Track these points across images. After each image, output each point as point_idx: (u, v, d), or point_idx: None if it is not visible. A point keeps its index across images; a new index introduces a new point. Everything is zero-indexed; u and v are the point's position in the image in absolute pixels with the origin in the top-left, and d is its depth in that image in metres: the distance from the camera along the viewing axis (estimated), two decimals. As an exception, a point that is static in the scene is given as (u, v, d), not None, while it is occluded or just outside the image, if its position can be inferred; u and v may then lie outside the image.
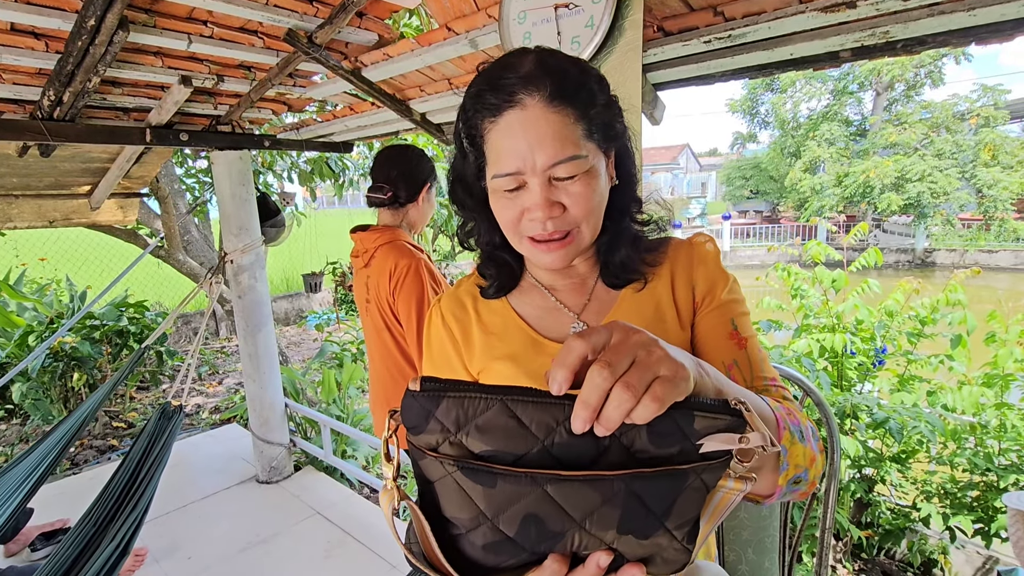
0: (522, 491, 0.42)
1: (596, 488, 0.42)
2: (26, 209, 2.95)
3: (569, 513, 0.43)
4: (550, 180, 0.63)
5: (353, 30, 1.81)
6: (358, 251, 1.72)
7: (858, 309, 2.37)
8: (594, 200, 0.65)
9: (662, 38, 1.38)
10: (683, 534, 0.45)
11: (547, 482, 0.42)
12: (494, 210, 0.69)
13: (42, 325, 4.22)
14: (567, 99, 0.62)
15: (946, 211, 15.51)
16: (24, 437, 4.01)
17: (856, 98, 19.33)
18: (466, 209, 0.76)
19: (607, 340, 0.41)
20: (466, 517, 0.44)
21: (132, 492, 1.87)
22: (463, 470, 0.42)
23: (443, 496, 0.44)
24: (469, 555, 0.45)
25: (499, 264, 0.79)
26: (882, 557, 2.52)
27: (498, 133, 0.63)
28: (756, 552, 1.11)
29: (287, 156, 4.62)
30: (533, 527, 0.43)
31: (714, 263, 0.75)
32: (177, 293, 7.23)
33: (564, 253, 0.67)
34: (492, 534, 0.44)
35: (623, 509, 0.43)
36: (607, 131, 0.67)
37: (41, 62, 1.70)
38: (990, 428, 2.17)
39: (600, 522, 0.43)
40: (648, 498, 0.43)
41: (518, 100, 0.62)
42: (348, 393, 3.89)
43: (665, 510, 0.43)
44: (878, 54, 1.36)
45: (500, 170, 0.64)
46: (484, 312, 0.81)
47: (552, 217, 0.64)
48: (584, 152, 0.63)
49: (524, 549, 0.44)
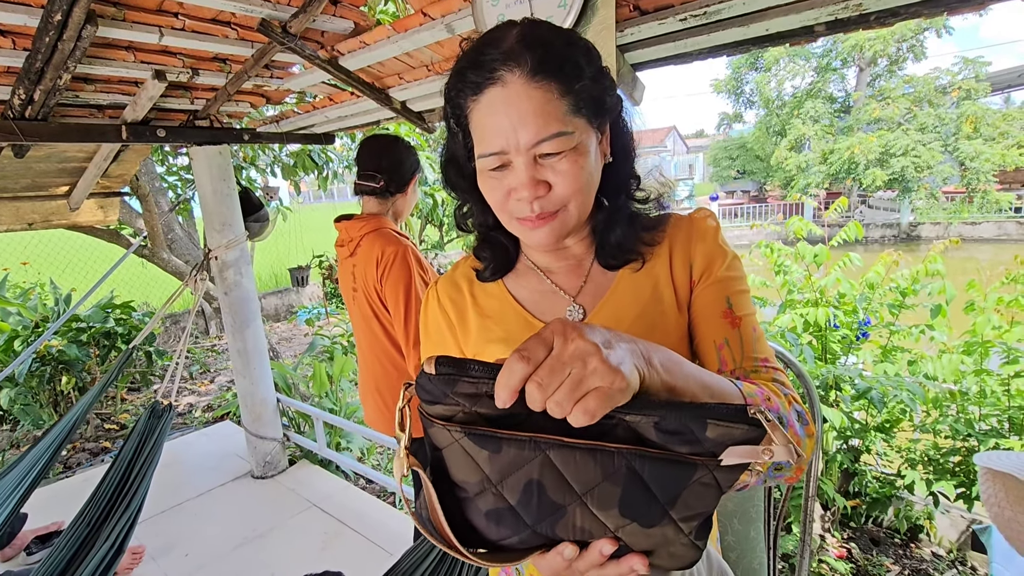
0: (525, 455, 0.44)
1: (597, 460, 0.43)
2: (3, 212, 2.90)
3: (570, 483, 0.44)
4: (535, 159, 0.61)
5: (328, 18, 1.78)
6: (343, 240, 1.72)
7: (840, 283, 2.41)
8: (582, 178, 0.63)
9: (638, 17, 1.38)
10: (691, 528, 0.44)
11: (549, 447, 0.43)
12: (482, 190, 0.68)
13: (27, 330, 4.17)
14: (550, 73, 0.59)
15: (930, 184, 15.67)
16: (15, 443, 3.97)
17: (839, 75, 19.39)
18: (459, 190, 0.74)
19: (545, 354, 0.41)
20: (472, 481, 0.45)
21: (124, 491, 1.87)
22: (470, 436, 0.44)
23: (451, 462, 0.46)
24: (474, 523, 0.46)
25: (494, 246, 0.78)
26: (870, 525, 2.58)
27: (480, 112, 0.62)
28: (742, 522, 1.14)
29: (269, 150, 4.57)
30: (535, 495, 0.44)
31: (713, 239, 0.72)
32: (163, 292, 7.16)
33: (550, 230, 0.65)
34: (495, 500, 0.45)
35: (624, 488, 0.43)
36: (597, 105, 0.64)
37: (9, 60, 1.67)
38: (971, 395, 2.22)
39: (601, 499, 0.43)
40: (650, 480, 0.43)
41: (498, 77, 0.59)
42: (340, 386, 3.89)
43: (670, 499, 0.43)
44: (852, 27, 1.37)
45: (484, 150, 0.62)
46: (480, 295, 0.80)
47: (538, 197, 0.62)
48: (570, 128, 0.60)
49: (526, 524, 0.45)
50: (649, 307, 0.71)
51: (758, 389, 0.56)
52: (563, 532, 0.45)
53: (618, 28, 1.33)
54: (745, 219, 19.03)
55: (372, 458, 3.59)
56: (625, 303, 0.71)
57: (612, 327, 0.66)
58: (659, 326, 0.70)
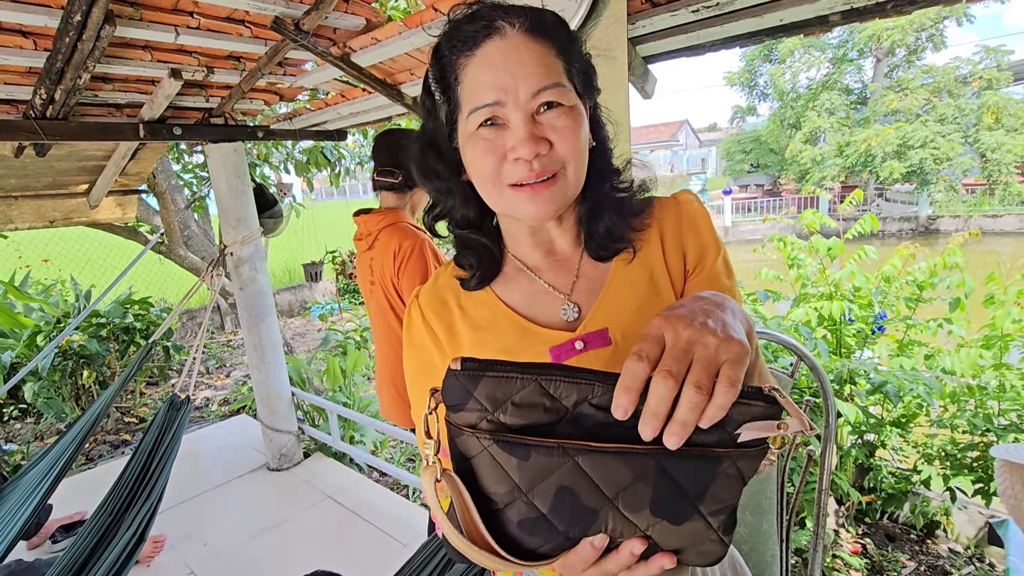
0: (554, 462, 0.44)
1: (626, 462, 0.43)
2: (26, 210, 2.97)
3: (601, 488, 0.44)
4: (533, 116, 0.58)
5: (340, 15, 1.79)
6: (361, 234, 1.74)
7: (855, 276, 2.38)
8: (580, 139, 0.60)
9: (650, 8, 1.37)
10: (719, 523, 0.44)
11: (578, 453, 0.43)
12: (470, 163, 0.63)
13: (49, 325, 4.27)
14: (547, 33, 0.59)
15: (949, 177, 15.35)
16: (38, 435, 4.07)
17: (856, 66, 19.05)
18: (438, 178, 0.68)
19: (661, 348, 0.42)
20: (502, 491, 0.45)
21: (145, 482, 1.91)
22: (499, 443, 0.44)
23: (480, 471, 0.45)
24: (507, 533, 0.46)
25: (478, 250, 0.72)
26: (885, 521, 2.56)
27: (475, 66, 0.58)
28: (754, 515, 1.14)
29: (282, 147, 4.61)
30: (567, 502, 0.44)
31: (705, 227, 0.70)
32: (180, 288, 7.27)
33: (551, 195, 0.60)
34: (527, 510, 0.45)
35: (654, 488, 0.43)
36: (586, 79, 0.63)
37: (30, 60, 1.70)
38: (990, 389, 2.19)
39: (632, 501, 0.44)
40: (679, 477, 0.43)
41: (496, 27, 0.57)
42: (353, 380, 3.93)
43: (698, 493, 0.43)
44: (868, 16, 1.35)
45: (478, 102, 0.58)
46: (468, 305, 0.74)
47: (539, 154, 0.58)
48: (567, 85, 0.59)
49: (559, 532, 0.45)
50: (648, 298, 0.68)
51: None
52: (595, 533, 0.45)
53: (630, 20, 1.33)
54: (758, 213, 18.81)
55: (385, 451, 3.63)
56: (624, 297, 0.68)
57: (612, 323, 0.67)
58: None
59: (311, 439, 3.40)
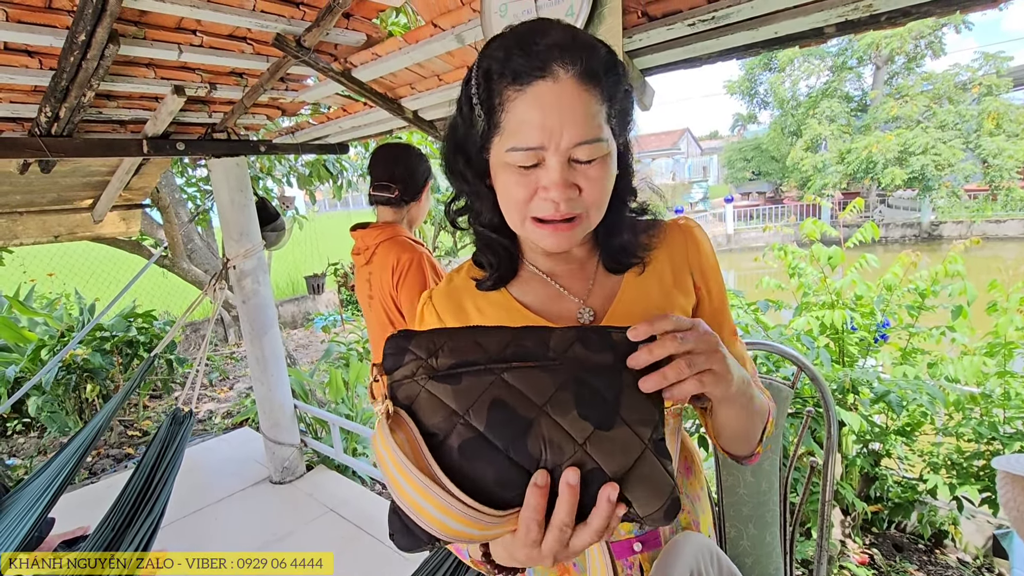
0: (483, 381, 0.49)
1: (547, 373, 0.50)
2: (31, 225, 2.99)
3: (530, 397, 0.49)
4: (569, 160, 0.60)
5: (341, 31, 1.82)
6: (359, 248, 1.75)
7: (856, 285, 2.37)
8: (607, 186, 0.64)
9: (646, 23, 1.38)
10: (648, 437, 0.49)
11: (504, 371, 0.49)
12: (501, 186, 0.65)
13: (53, 339, 4.29)
14: (597, 79, 0.59)
15: (951, 183, 15.33)
16: (42, 449, 4.08)
17: (856, 73, 19.10)
18: (465, 182, 0.70)
19: (689, 326, 0.52)
20: (441, 419, 0.48)
21: (147, 496, 1.91)
22: (433, 379, 0.49)
23: (420, 410, 0.49)
24: (452, 464, 0.47)
25: (498, 252, 0.75)
26: (892, 530, 2.53)
27: (525, 104, 0.58)
28: (757, 527, 1.13)
29: (285, 160, 4.64)
30: (501, 414, 0.48)
31: (710, 253, 0.77)
32: (184, 301, 7.29)
33: (570, 235, 0.64)
34: (466, 431, 0.48)
35: (575, 393, 0.49)
36: (624, 119, 0.66)
37: (36, 79, 1.73)
38: (994, 397, 2.17)
39: (559, 406, 0.49)
40: (595, 382, 0.50)
41: (552, 71, 0.57)
42: (356, 392, 3.93)
43: (615, 398, 0.49)
44: (863, 28, 1.36)
45: (520, 143, 0.59)
46: (484, 306, 0.77)
47: (569, 199, 0.61)
48: (605, 136, 0.61)
49: (499, 450, 0.47)
50: (659, 306, 0.73)
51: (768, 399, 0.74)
52: (533, 447, 0.48)
53: (626, 34, 1.34)
54: (760, 221, 18.80)
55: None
56: (636, 305, 0.73)
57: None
58: None
59: (314, 452, 3.39)
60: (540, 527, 0.47)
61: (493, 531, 0.47)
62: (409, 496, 0.46)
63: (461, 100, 0.67)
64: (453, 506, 0.45)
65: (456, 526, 0.45)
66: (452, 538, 0.47)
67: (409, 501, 0.46)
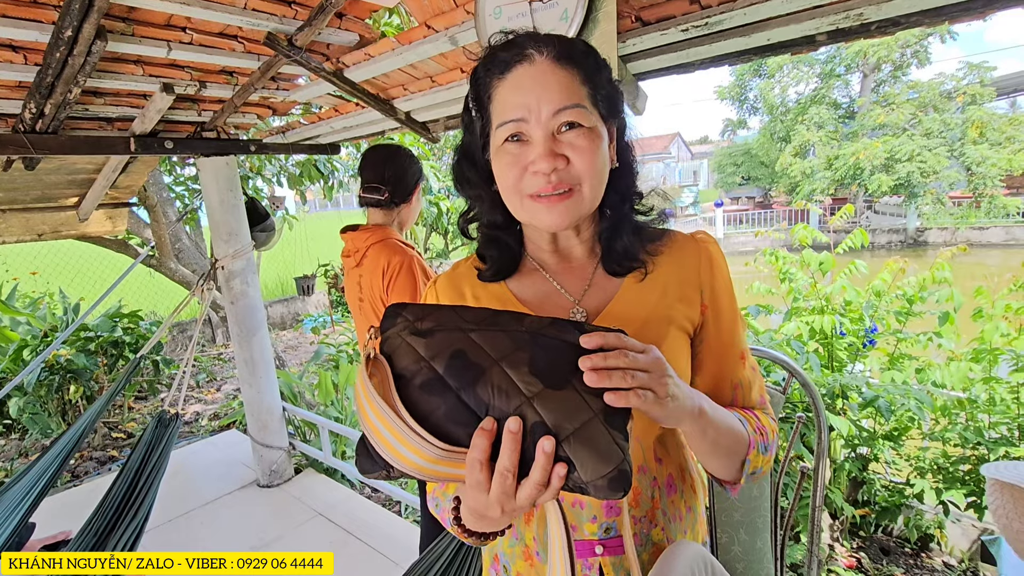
0: (452, 337, 0.55)
1: (510, 337, 0.55)
2: (14, 223, 2.94)
3: (488, 352, 0.54)
4: (554, 134, 0.64)
5: (333, 31, 1.80)
6: (349, 251, 1.73)
7: (846, 290, 2.39)
8: (598, 159, 0.65)
9: (640, 28, 1.39)
10: (598, 407, 0.51)
11: (472, 331, 0.55)
12: (498, 174, 0.69)
13: (36, 339, 4.21)
14: (574, 61, 0.65)
15: (936, 190, 15.58)
16: (23, 451, 4.00)
17: (844, 80, 19.37)
18: (470, 185, 0.75)
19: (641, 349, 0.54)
20: (410, 362, 0.55)
21: (132, 500, 1.87)
22: (412, 333, 0.56)
23: (397, 356, 0.56)
24: (412, 398, 0.53)
25: (500, 246, 0.78)
26: (879, 534, 2.55)
27: (505, 88, 0.65)
28: (748, 533, 1.13)
29: (276, 160, 4.61)
30: (458, 360, 0.53)
31: (722, 271, 0.75)
32: (171, 302, 7.21)
33: (565, 208, 0.65)
34: (428, 373, 0.54)
35: (532, 353, 0.53)
36: (610, 104, 0.68)
37: (20, 75, 1.70)
38: (980, 402, 2.20)
39: (514, 362, 0.53)
40: (550, 349, 0.54)
41: (527, 55, 0.64)
42: (345, 394, 3.90)
43: (571, 368, 0.52)
44: (853, 36, 1.37)
45: (504, 118, 0.65)
46: (482, 295, 0.79)
47: (556, 169, 0.63)
48: (588, 108, 0.64)
49: (451, 388, 0.53)
50: (655, 315, 0.72)
51: (756, 427, 0.72)
52: (483, 392, 0.52)
53: (620, 39, 1.34)
54: (750, 225, 18.98)
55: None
56: (631, 310, 0.72)
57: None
58: (665, 337, 0.71)
59: (302, 455, 3.35)
60: (484, 469, 0.50)
61: (443, 467, 0.52)
62: (373, 425, 0.51)
63: (462, 113, 0.74)
64: (407, 434, 0.50)
65: (409, 455, 0.50)
66: (406, 468, 0.52)
67: (373, 429, 0.52)
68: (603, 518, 0.71)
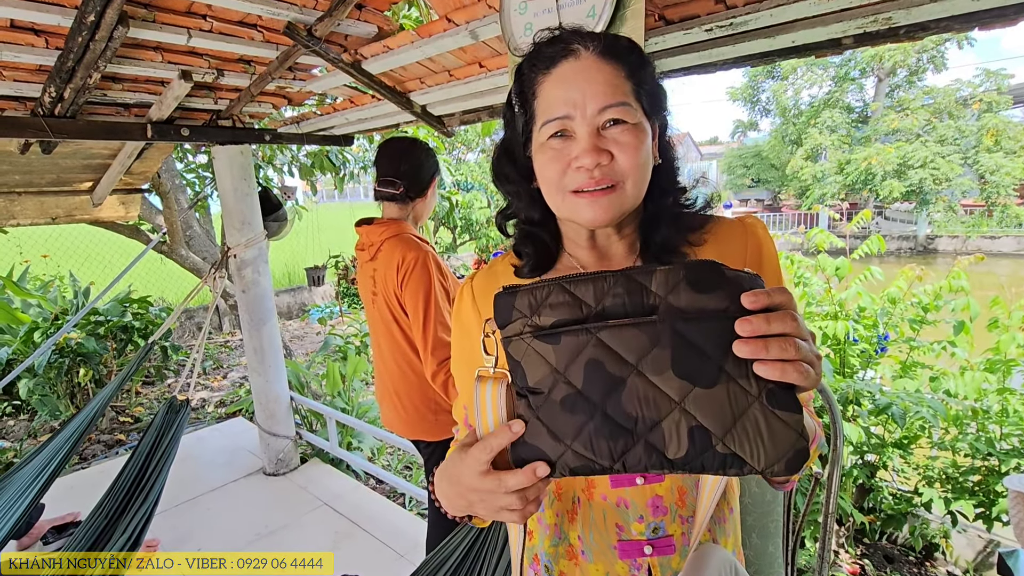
0: (580, 341, 0.51)
1: (642, 330, 0.49)
2: (28, 206, 2.96)
3: (623, 356, 0.49)
4: (598, 131, 0.63)
5: (352, 22, 1.80)
6: (364, 244, 1.73)
7: (860, 297, 2.38)
8: (641, 155, 0.64)
9: (663, 27, 1.38)
10: (759, 388, 0.46)
11: (599, 330, 0.50)
12: (540, 170, 0.68)
13: (47, 322, 4.24)
14: (619, 56, 0.64)
15: (948, 197, 15.44)
16: (32, 433, 4.04)
17: (858, 84, 19.20)
18: (509, 182, 0.74)
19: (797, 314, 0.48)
20: (544, 375, 0.52)
21: (142, 485, 1.89)
22: (537, 338, 0.52)
23: (527, 366, 0.53)
24: (552, 414, 0.52)
25: (536, 242, 0.76)
26: (884, 542, 2.54)
27: (551, 83, 0.65)
28: (760, 537, 1.13)
29: (287, 150, 4.61)
30: (595, 373, 0.50)
31: (771, 255, 0.72)
32: (180, 288, 7.25)
33: (608, 203, 0.64)
34: (566, 388, 0.51)
35: (672, 349, 0.48)
36: (653, 100, 0.67)
37: (42, 59, 1.70)
38: (992, 413, 2.18)
39: (654, 364, 0.48)
40: (694, 338, 0.47)
41: (572, 50, 0.64)
42: (352, 385, 3.91)
43: (721, 354, 0.46)
44: (880, 40, 1.35)
45: (549, 116, 0.64)
46: None
47: (600, 164, 0.62)
48: (633, 104, 0.64)
49: (595, 404, 0.50)
50: None
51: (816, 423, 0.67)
52: (629, 406, 0.49)
53: (645, 37, 1.33)
54: (759, 228, 18.83)
55: (382, 458, 3.60)
56: None
57: None
58: None
59: (308, 444, 3.37)
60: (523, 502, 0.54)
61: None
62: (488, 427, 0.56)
63: (504, 108, 0.73)
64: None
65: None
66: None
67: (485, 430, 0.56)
68: (650, 518, 0.70)
